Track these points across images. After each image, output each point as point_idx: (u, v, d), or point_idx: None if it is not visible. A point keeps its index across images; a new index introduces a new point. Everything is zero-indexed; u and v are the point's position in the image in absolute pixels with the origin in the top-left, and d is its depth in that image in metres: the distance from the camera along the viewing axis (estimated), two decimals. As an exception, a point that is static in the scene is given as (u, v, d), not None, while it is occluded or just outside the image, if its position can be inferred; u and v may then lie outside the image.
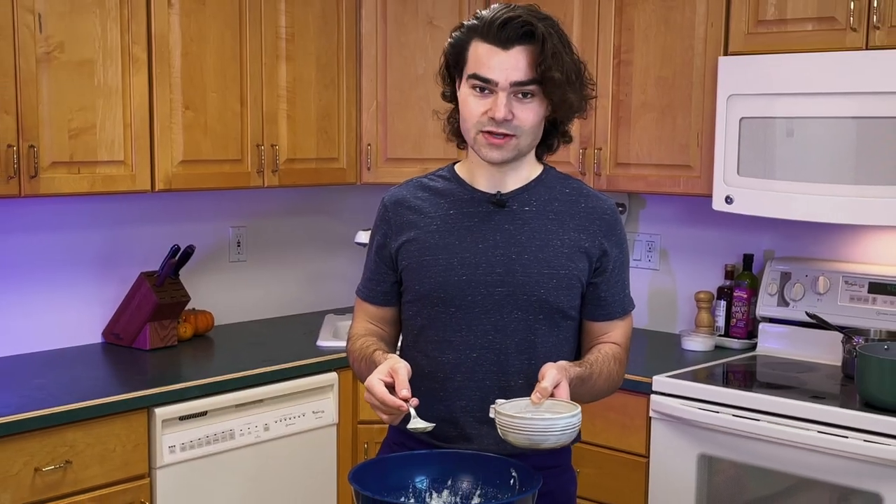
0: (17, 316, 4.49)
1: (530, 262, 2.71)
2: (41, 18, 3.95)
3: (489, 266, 2.71)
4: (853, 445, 3.71)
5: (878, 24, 3.96)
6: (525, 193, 2.77)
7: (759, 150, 4.21)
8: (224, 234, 5.24)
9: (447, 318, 2.74)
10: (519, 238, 2.73)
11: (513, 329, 2.73)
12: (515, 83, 2.58)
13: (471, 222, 2.75)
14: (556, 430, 2.39)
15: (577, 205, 2.80)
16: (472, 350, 2.73)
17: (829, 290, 4.49)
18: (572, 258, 2.74)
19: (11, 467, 3.59)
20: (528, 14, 2.59)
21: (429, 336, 2.78)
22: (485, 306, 2.72)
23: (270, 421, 4.31)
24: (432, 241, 2.75)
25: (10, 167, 3.88)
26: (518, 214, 2.75)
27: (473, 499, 2.56)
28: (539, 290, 2.71)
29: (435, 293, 2.73)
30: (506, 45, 2.57)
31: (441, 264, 2.72)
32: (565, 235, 2.75)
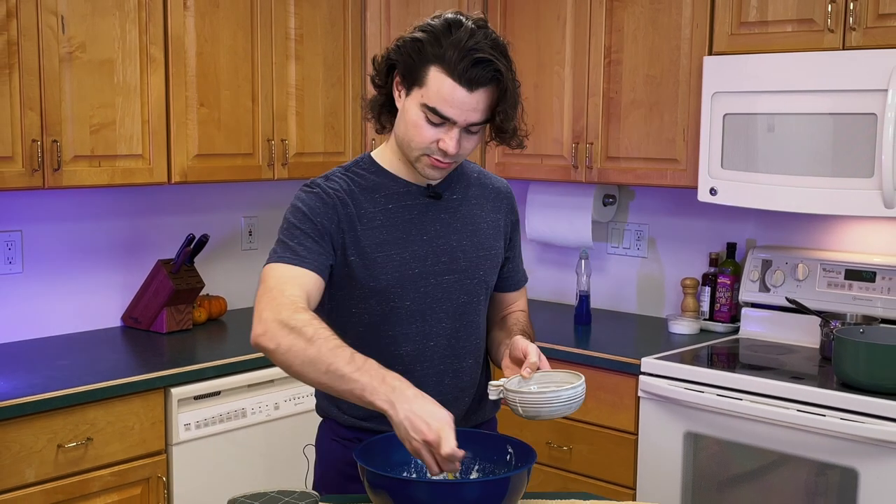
0: (42, 301, 4.48)
1: (468, 247, 2.73)
2: (64, 20, 3.94)
3: (436, 256, 2.69)
4: (830, 423, 3.70)
5: (855, 25, 3.95)
6: (448, 182, 2.74)
7: (742, 145, 4.21)
8: (236, 224, 5.23)
9: (403, 311, 2.67)
10: (455, 226, 2.73)
11: (462, 313, 2.73)
12: (472, 124, 2.52)
13: (411, 215, 2.69)
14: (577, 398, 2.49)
15: (486, 187, 2.85)
16: (428, 339, 2.70)
17: (808, 276, 4.49)
18: (496, 237, 2.81)
19: (36, 444, 3.59)
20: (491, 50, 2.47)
21: (382, 331, 2.68)
22: (436, 295, 2.69)
23: (280, 400, 4.31)
24: (380, 236, 2.64)
25: (35, 161, 3.88)
26: (449, 203, 2.74)
27: (472, 473, 2.56)
28: (479, 271, 2.75)
29: (391, 288, 2.64)
30: (472, 87, 2.47)
31: (395, 259, 2.64)
32: (487, 217, 2.80)
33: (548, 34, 4.86)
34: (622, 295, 5.29)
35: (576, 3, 4.77)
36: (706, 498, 4.09)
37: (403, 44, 2.55)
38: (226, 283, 5.16)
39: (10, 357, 4.13)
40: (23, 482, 3.57)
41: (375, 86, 2.68)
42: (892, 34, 3.89)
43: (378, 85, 2.67)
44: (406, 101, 2.56)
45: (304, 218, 2.62)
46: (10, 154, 3.82)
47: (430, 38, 2.50)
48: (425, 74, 2.50)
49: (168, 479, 3.98)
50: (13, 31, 3.79)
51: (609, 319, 5.11)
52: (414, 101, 2.53)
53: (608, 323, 5.03)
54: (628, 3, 4.60)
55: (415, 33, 2.54)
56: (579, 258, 5.05)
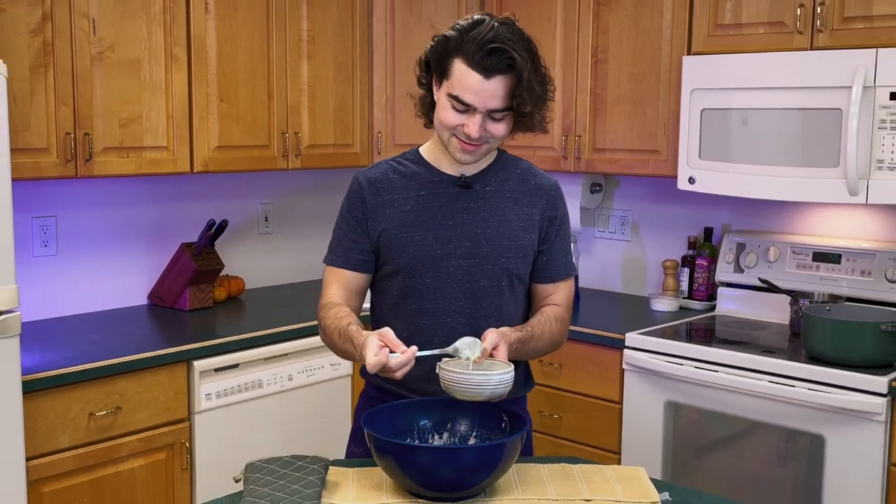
0: (74, 281, 4.48)
1: (493, 236, 2.72)
2: (95, 23, 3.93)
3: (459, 240, 2.71)
4: (799, 393, 3.71)
5: (822, 27, 3.95)
6: (485, 175, 2.77)
7: (718, 137, 4.20)
8: (253, 210, 5.22)
9: (423, 288, 2.72)
10: (482, 215, 2.73)
11: (481, 295, 2.73)
12: (491, 110, 2.55)
13: (440, 202, 2.73)
14: (490, 385, 2.41)
15: (528, 183, 2.81)
16: (447, 315, 2.73)
17: (779, 258, 4.49)
18: (526, 230, 2.77)
19: (69, 412, 3.59)
20: (510, 41, 2.51)
21: (407, 304, 2.75)
22: (456, 276, 2.71)
23: (294, 372, 4.31)
24: (408, 219, 2.72)
25: (68, 152, 3.87)
26: (480, 194, 2.75)
27: (470, 440, 2.56)
28: (501, 259, 2.73)
29: (413, 266, 2.72)
30: (487, 74, 2.51)
31: (417, 240, 2.71)
32: (520, 210, 2.77)
33: (539, 35, 4.82)
34: (608, 275, 5.29)
35: (565, 6, 4.76)
36: (685, 462, 4.09)
37: (436, 43, 2.62)
38: (244, 265, 5.16)
39: (45, 332, 4.13)
40: (57, 447, 3.58)
41: (420, 84, 2.76)
42: (856, 36, 3.88)
43: (422, 83, 2.74)
44: (438, 93, 2.65)
45: (344, 214, 2.82)
46: (46, 146, 3.82)
47: (456, 34, 2.56)
48: (450, 66, 2.57)
49: (191, 445, 3.98)
50: (48, 33, 3.79)
51: (596, 298, 5.10)
52: (443, 91, 2.61)
53: (595, 301, 5.02)
54: (614, 7, 4.59)
55: (445, 32, 2.60)
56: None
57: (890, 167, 3.75)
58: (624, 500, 2.37)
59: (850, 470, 3.62)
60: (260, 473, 2.40)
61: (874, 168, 3.79)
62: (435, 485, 2.31)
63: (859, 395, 3.59)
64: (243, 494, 2.32)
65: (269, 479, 2.36)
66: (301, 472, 2.39)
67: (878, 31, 3.84)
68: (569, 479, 2.49)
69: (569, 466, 2.57)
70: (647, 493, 2.41)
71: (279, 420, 4.28)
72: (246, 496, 2.29)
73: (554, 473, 2.52)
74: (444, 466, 2.28)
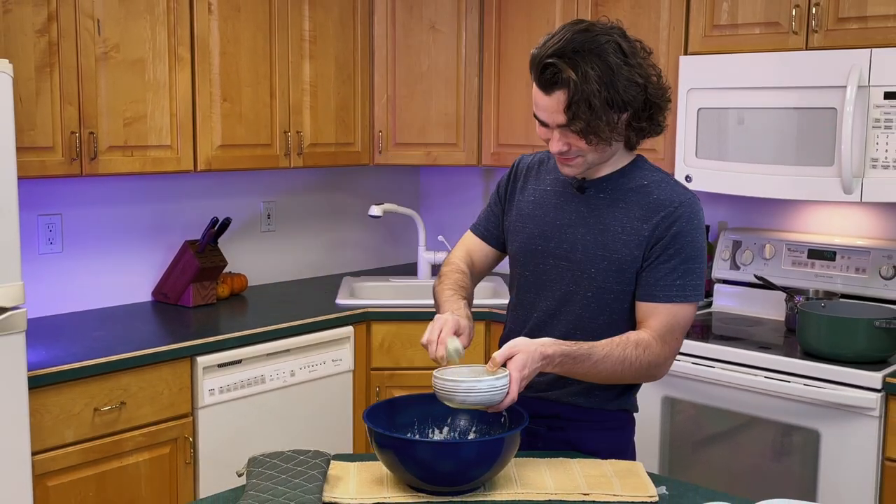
0: (79, 278, 4.48)
1: (590, 244, 2.62)
2: (100, 23, 3.93)
3: (559, 241, 2.67)
4: (795, 389, 3.70)
5: (817, 28, 3.95)
6: (604, 182, 2.65)
7: (715, 136, 4.20)
8: (256, 208, 5.22)
9: (524, 279, 2.76)
10: (588, 221, 2.64)
11: (567, 300, 2.66)
12: (560, 125, 2.48)
13: (557, 200, 2.70)
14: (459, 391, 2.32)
15: (649, 195, 2.61)
16: (535, 311, 2.72)
17: (775, 255, 4.48)
18: (629, 244, 2.58)
19: (74, 407, 3.59)
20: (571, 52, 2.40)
21: (516, 292, 2.82)
22: (550, 276, 2.69)
23: (296, 368, 4.31)
24: (527, 210, 2.75)
25: (74, 150, 3.87)
26: (592, 200, 2.65)
27: (469, 434, 2.56)
28: (591, 268, 2.62)
29: (518, 255, 2.77)
30: (546, 90, 2.45)
31: (527, 232, 2.73)
32: (629, 224, 2.59)
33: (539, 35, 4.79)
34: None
35: (563, 7, 4.75)
36: (682, 456, 4.09)
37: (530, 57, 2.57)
38: (246, 262, 5.16)
39: (51, 329, 4.12)
40: (63, 442, 3.58)
41: None
42: (850, 36, 3.88)
43: None
44: None
45: (495, 189, 2.92)
46: (51, 144, 3.82)
47: (535, 50, 2.51)
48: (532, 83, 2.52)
49: (194, 440, 3.98)
50: (54, 33, 3.79)
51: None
52: None
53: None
54: (611, 8, 4.59)
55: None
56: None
57: (884, 166, 3.75)
58: (622, 495, 2.36)
59: (844, 464, 3.62)
60: (262, 468, 2.39)
61: (868, 167, 3.79)
62: (435, 479, 2.30)
63: (854, 390, 3.58)
64: (246, 488, 2.32)
65: (272, 473, 2.36)
66: (303, 467, 2.39)
67: (872, 32, 3.84)
68: (567, 473, 2.49)
69: (567, 461, 2.57)
70: (645, 487, 2.41)
71: (281, 415, 4.27)
72: (248, 490, 2.29)
73: (553, 468, 2.52)
74: (445, 461, 2.28)
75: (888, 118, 3.73)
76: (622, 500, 2.35)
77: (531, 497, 2.35)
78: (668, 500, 2.38)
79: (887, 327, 3.66)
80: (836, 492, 3.65)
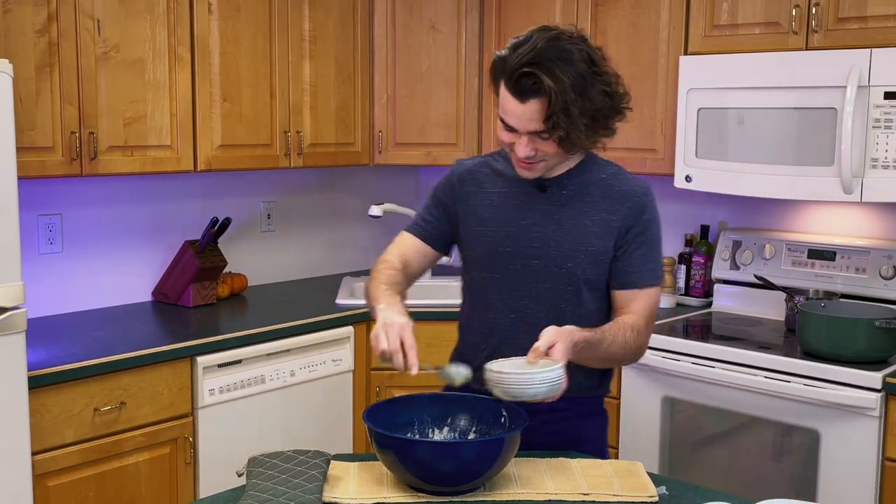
0: (79, 278, 4.48)
1: (563, 240, 2.68)
2: (100, 23, 3.93)
3: (528, 241, 2.70)
4: (794, 389, 3.70)
5: (816, 28, 3.95)
6: (564, 179, 2.71)
7: (715, 136, 4.20)
8: (256, 208, 5.22)
9: (492, 282, 2.74)
10: (556, 218, 2.69)
11: (544, 297, 2.71)
12: (532, 132, 2.51)
13: (517, 201, 2.72)
14: (533, 384, 2.35)
15: (611, 188, 2.72)
16: (510, 312, 2.73)
17: (774, 255, 4.48)
18: (601, 236, 2.68)
19: (74, 407, 3.59)
20: (547, 61, 2.44)
21: (477, 296, 2.81)
22: (522, 275, 2.71)
23: (296, 368, 4.31)
24: (486, 213, 2.75)
25: (74, 150, 3.87)
26: (557, 197, 2.71)
27: (470, 434, 2.56)
28: (567, 263, 2.68)
29: (484, 259, 2.75)
30: (522, 98, 2.47)
31: (490, 235, 2.73)
32: (597, 216, 2.69)
33: (538, 36, 4.84)
34: (606, 272, 5.28)
35: (563, 7, 4.75)
36: (682, 456, 4.09)
37: (492, 63, 2.60)
38: (247, 262, 5.16)
39: (51, 329, 4.12)
40: (63, 442, 3.57)
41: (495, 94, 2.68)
42: (850, 36, 3.88)
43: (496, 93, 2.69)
44: None
45: (431, 193, 2.90)
46: (51, 144, 3.82)
47: (504, 55, 2.53)
48: (499, 88, 2.55)
49: (194, 440, 3.98)
50: (54, 33, 3.79)
51: (594, 295, 5.09)
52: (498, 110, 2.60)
53: (593, 298, 5.01)
54: (611, 8, 4.59)
55: (500, 51, 2.57)
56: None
57: (884, 166, 3.75)
58: (622, 495, 2.37)
59: (844, 464, 3.62)
60: (262, 468, 2.39)
61: (868, 167, 3.79)
62: (435, 479, 2.31)
63: (854, 390, 3.58)
64: (246, 488, 2.32)
65: (272, 473, 2.36)
66: (303, 467, 2.39)
67: (872, 32, 3.84)
68: (567, 473, 2.49)
69: (567, 461, 2.57)
70: (645, 487, 2.41)
71: (281, 415, 4.27)
72: (248, 490, 2.29)
73: (552, 468, 2.53)
74: (445, 461, 2.28)
75: (888, 118, 3.73)
76: (622, 500, 2.35)
77: (531, 497, 2.35)
78: (668, 500, 2.38)
79: (887, 327, 3.66)
80: (836, 492, 3.65)
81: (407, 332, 2.43)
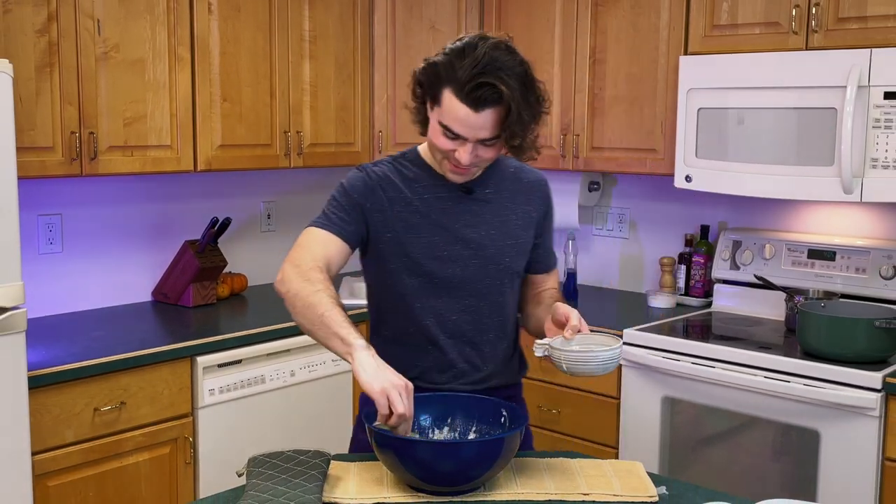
0: (79, 278, 4.48)
1: (496, 237, 2.75)
2: (100, 23, 3.93)
3: (464, 243, 2.71)
4: (794, 389, 3.70)
5: (817, 28, 3.95)
6: (483, 178, 2.76)
7: (714, 136, 4.20)
8: (256, 208, 5.22)
9: (431, 287, 2.72)
10: (485, 217, 2.75)
11: (485, 293, 2.76)
12: (481, 140, 2.53)
13: (444, 206, 2.72)
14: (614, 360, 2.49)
15: (521, 181, 2.85)
16: (452, 313, 2.74)
17: (774, 255, 4.48)
18: (525, 227, 2.81)
19: (74, 407, 3.59)
20: (499, 70, 2.45)
21: (411, 303, 2.73)
22: (462, 276, 2.72)
23: (296, 368, 4.31)
24: (414, 220, 2.70)
25: (73, 150, 3.87)
26: (481, 197, 2.75)
27: (470, 434, 2.56)
28: (505, 258, 2.76)
29: (421, 266, 2.70)
30: (477, 108, 2.47)
31: (424, 242, 2.70)
32: (518, 209, 2.81)
33: (538, 35, 4.85)
34: (606, 272, 5.29)
35: (564, 7, 4.75)
36: (681, 456, 4.09)
37: (427, 66, 2.58)
38: (247, 262, 5.16)
39: (51, 329, 4.12)
40: (63, 442, 3.58)
41: (414, 97, 2.71)
42: (850, 36, 3.88)
43: (416, 96, 2.70)
44: (431, 115, 2.61)
45: (344, 193, 2.74)
46: (51, 144, 3.82)
47: (446, 61, 2.51)
48: (441, 95, 2.53)
49: (194, 440, 3.98)
50: (54, 34, 3.79)
51: (594, 294, 5.10)
52: (434, 117, 2.58)
53: (593, 298, 5.02)
54: (611, 8, 4.59)
55: (437, 57, 2.56)
56: (567, 239, 5.04)
57: (884, 166, 3.75)
58: (621, 495, 2.37)
59: (844, 464, 3.62)
60: (262, 468, 2.39)
61: (868, 167, 3.79)
62: (435, 479, 2.31)
63: (854, 390, 3.58)
64: (246, 488, 2.32)
65: (272, 473, 2.36)
66: (303, 467, 2.39)
67: (872, 32, 3.84)
68: (567, 473, 2.49)
69: (567, 461, 2.57)
70: (645, 487, 2.41)
71: (281, 415, 4.27)
72: (248, 490, 2.29)
73: (552, 468, 2.53)
74: (445, 461, 2.28)
75: (888, 118, 3.73)
76: (622, 500, 2.35)
77: (531, 497, 2.35)
78: (668, 500, 2.38)
79: (887, 327, 3.66)
80: (836, 492, 3.65)
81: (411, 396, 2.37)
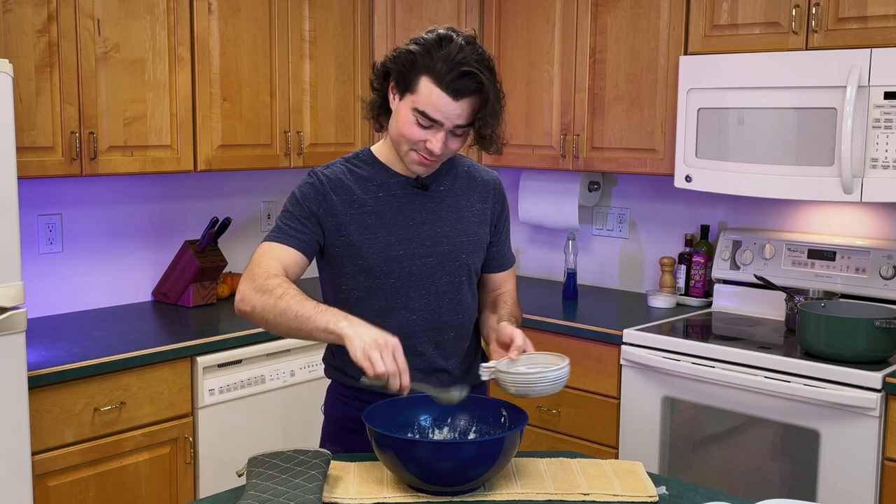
0: (80, 278, 4.48)
1: (452, 233, 2.76)
2: (100, 23, 3.93)
3: (420, 240, 2.72)
4: (794, 389, 3.70)
5: (816, 28, 3.95)
6: (437, 175, 2.78)
7: (714, 136, 4.20)
8: (256, 208, 5.22)
9: (388, 288, 2.72)
10: (440, 214, 2.76)
11: (444, 291, 2.77)
12: (455, 126, 2.57)
13: (399, 203, 2.73)
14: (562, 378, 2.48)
15: (475, 179, 2.87)
16: (411, 313, 2.74)
17: (774, 255, 4.48)
18: (480, 225, 2.84)
19: (74, 407, 3.59)
20: (476, 63, 2.52)
21: (369, 305, 2.72)
22: (419, 275, 2.73)
23: (296, 368, 4.31)
24: (369, 220, 2.69)
25: (74, 151, 3.87)
26: (436, 194, 2.77)
27: (469, 434, 2.57)
28: (461, 255, 2.78)
29: (377, 267, 2.70)
30: (456, 97, 2.51)
31: (380, 241, 2.69)
32: (473, 206, 2.83)
33: (538, 35, 4.85)
34: (606, 272, 5.29)
35: (564, 7, 4.75)
36: (681, 456, 4.09)
37: (399, 55, 2.61)
38: (247, 262, 5.14)
39: (51, 329, 4.13)
40: (63, 442, 3.58)
41: (373, 89, 2.74)
42: (850, 36, 3.88)
43: (375, 88, 2.73)
44: (399, 105, 2.62)
45: (296, 203, 2.72)
46: (51, 144, 3.82)
47: (423, 50, 2.55)
48: (417, 83, 2.55)
49: (194, 440, 3.98)
50: (54, 34, 3.79)
51: (594, 294, 5.10)
52: (406, 105, 2.59)
53: (593, 298, 5.02)
54: (611, 7, 4.59)
55: (409, 46, 2.60)
56: (567, 239, 5.04)
57: (884, 166, 3.75)
58: (621, 494, 2.37)
59: (844, 464, 3.62)
60: (262, 468, 2.39)
61: (868, 167, 3.79)
62: (435, 479, 2.31)
63: (854, 390, 3.58)
64: (246, 488, 2.32)
65: (272, 473, 2.36)
66: (303, 467, 2.39)
67: (872, 32, 3.84)
68: (567, 473, 2.49)
69: (567, 461, 2.58)
70: (645, 487, 2.41)
71: (281, 415, 4.28)
72: (248, 490, 2.29)
73: (552, 468, 2.53)
74: (445, 461, 2.28)
75: (888, 118, 3.73)
76: (622, 500, 2.35)
77: (531, 497, 2.36)
78: (668, 500, 2.38)
79: (887, 327, 3.66)
80: (836, 492, 3.65)
81: (399, 352, 2.36)
